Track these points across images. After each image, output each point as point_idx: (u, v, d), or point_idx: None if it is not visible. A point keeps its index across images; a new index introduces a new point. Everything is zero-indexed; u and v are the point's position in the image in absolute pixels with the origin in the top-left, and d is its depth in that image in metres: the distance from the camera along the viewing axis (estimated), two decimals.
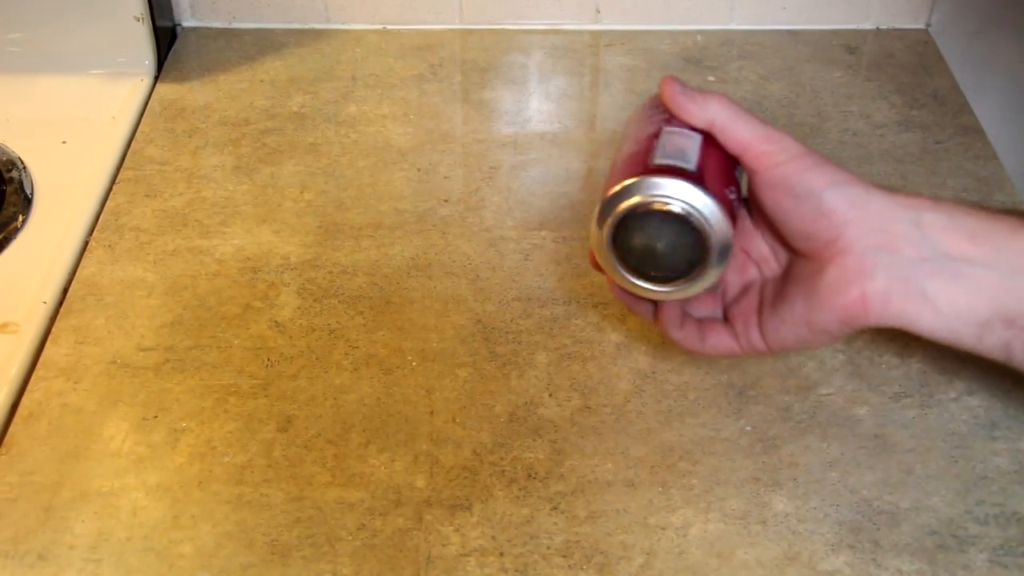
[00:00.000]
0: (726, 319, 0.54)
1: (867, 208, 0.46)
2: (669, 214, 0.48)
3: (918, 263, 0.45)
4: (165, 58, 0.86)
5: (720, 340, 0.52)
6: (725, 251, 0.48)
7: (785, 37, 0.89)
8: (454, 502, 0.54)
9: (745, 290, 0.53)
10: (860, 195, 0.46)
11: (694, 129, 0.49)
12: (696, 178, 0.47)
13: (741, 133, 0.48)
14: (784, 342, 0.50)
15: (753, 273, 0.53)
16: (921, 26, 0.90)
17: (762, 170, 0.48)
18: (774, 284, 0.51)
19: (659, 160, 0.48)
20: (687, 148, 0.49)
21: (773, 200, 0.48)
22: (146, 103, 0.81)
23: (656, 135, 0.50)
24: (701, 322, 0.53)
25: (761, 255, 0.52)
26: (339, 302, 0.65)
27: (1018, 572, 0.51)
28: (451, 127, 0.79)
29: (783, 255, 0.52)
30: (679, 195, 0.47)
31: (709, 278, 0.49)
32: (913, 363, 0.61)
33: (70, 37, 0.82)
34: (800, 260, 0.49)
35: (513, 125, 0.79)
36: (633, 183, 0.48)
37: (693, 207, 0.47)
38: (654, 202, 0.48)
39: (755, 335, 0.51)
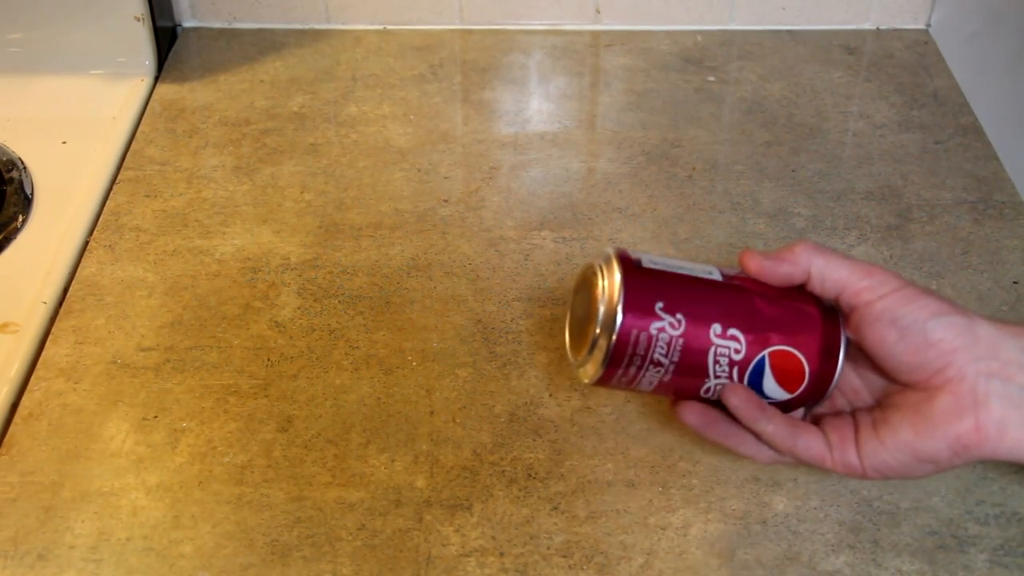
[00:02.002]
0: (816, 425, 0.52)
1: (975, 335, 0.46)
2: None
3: None
4: (165, 58, 0.86)
5: (813, 443, 0.49)
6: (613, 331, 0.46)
7: (785, 37, 0.89)
8: (454, 502, 0.54)
9: (837, 413, 0.51)
10: (964, 323, 0.46)
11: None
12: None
13: (838, 273, 0.48)
14: (884, 468, 0.48)
15: (842, 403, 0.52)
16: (921, 26, 0.90)
17: (861, 306, 0.47)
18: (872, 414, 0.49)
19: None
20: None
21: (876, 334, 0.47)
22: (146, 103, 0.81)
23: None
24: (794, 421, 0.50)
25: (852, 387, 0.51)
26: (339, 302, 0.65)
27: (1018, 572, 0.51)
28: (451, 127, 0.79)
29: (877, 387, 0.50)
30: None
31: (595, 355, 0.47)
32: None
33: (70, 37, 0.82)
34: (906, 392, 0.48)
35: (513, 125, 0.79)
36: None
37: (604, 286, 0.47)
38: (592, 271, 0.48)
39: (851, 455, 0.49)
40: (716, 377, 0.47)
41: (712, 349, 0.47)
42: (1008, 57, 0.79)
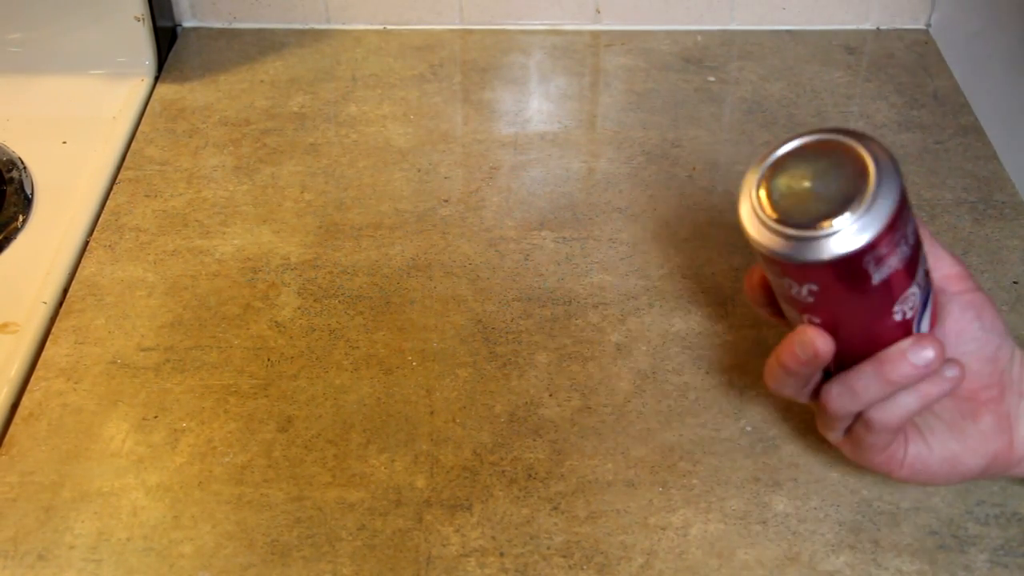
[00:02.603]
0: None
1: (1015, 359, 0.48)
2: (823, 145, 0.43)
3: None
4: (165, 58, 0.86)
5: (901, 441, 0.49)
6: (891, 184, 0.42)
7: (785, 37, 0.89)
8: (454, 502, 0.54)
9: None
10: (1013, 347, 0.48)
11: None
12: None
13: (932, 251, 0.48)
14: (922, 471, 0.48)
15: None
16: (921, 26, 0.90)
17: (953, 292, 0.48)
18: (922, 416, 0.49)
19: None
20: None
21: (958, 323, 0.47)
22: (146, 103, 0.81)
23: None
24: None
25: None
26: (339, 302, 0.65)
27: (1019, 572, 0.51)
28: (451, 127, 0.79)
29: None
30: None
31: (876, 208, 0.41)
32: None
33: (70, 37, 0.82)
34: (947, 399, 0.48)
35: (513, 125, 0.79)
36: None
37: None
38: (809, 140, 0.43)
39: (899, 451, 0.48)
40: (917, 284, 0.44)
41: (922, 249, 0.45)
42: (1008, 57, 0.79)
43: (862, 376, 0.46)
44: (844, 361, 0.47)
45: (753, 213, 0.43)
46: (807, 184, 0.42)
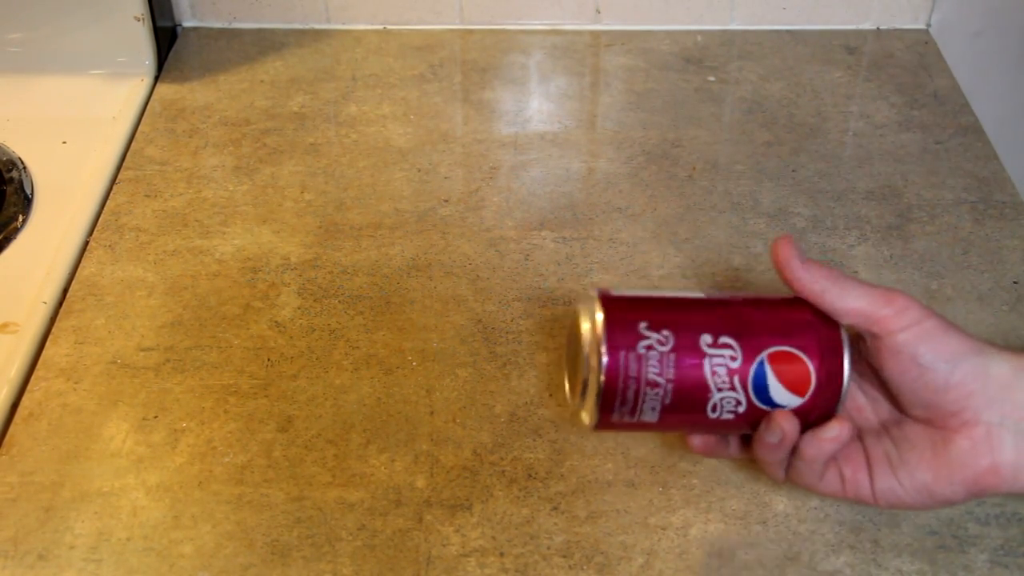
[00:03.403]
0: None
1: (988, 377, 0.46)
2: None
3: None
4: (165, 58, 0.86)
5: (833, 481, 0.49)
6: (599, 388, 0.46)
7: (785, 37, 0.89)
8: (454, 502, 0.54)
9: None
10: (981, 365, 0.46)
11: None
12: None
13: (855, 301, 0.47)
14: (897, 503, 0.49)
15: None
16: (921, 26, 0.90)
17: (884, 335, 0.47)
18: (883, 444, 0.49)
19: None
20: None
21: (895, 366, 0.47)
22: (146, 103, 0.81)
23: None
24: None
25: (856, 404, 0.51)
26: (339, 302, 0.65)
27: (1019, 572, 0.51)
28: (451, 127, 0.79)
29: (884, 410, 0.50)
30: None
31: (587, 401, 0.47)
32: None
33: (70, 37, 0.82)
34: (917, 426, 0.48)
35: (513, 125, 0.79)
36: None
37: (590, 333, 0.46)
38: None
39: (865, 489, 0.49)
40: (719, 390, 0.46)
41: (707, 360, 0.46)
42: (1009, 57, 0.80)
43: (754, 448, 0.49)
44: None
45: (567, 399, 0.50)
46: (570, 365, 0.49)
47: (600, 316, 0.46)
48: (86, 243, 0.69)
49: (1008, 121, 0.79)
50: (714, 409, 0.47)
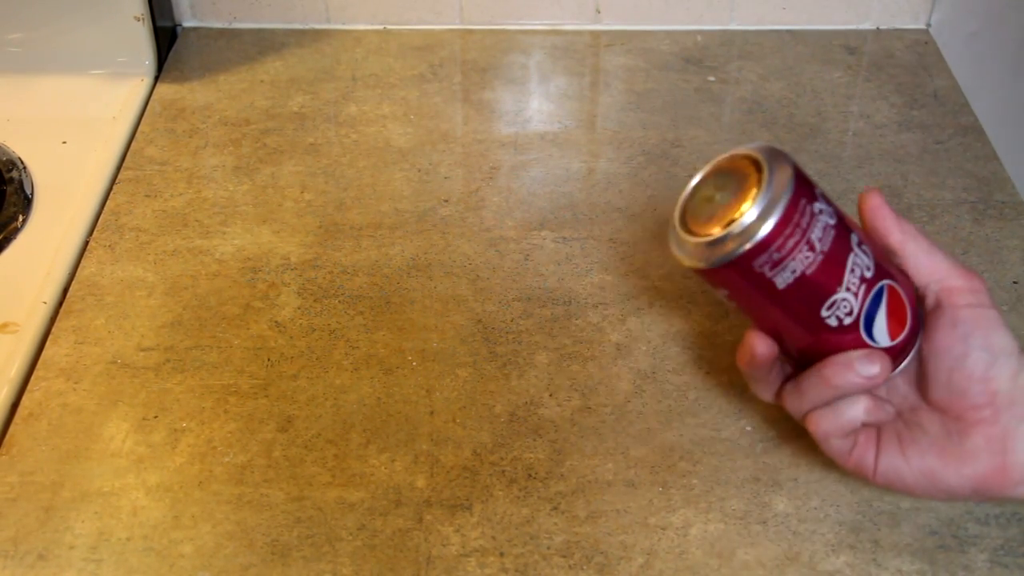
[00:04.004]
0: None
1: (1018, 381, 0.47)
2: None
3: None
4: (165, 58, 0.86)
5: (846, 443, 0.50)
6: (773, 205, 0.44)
7: (785, 37, 0.89)
8: (454, 502, 0.54)
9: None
10: (1018, 367, 0.47)
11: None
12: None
13: (936, 262, 0.48)
14: (896, 482, 0.49)
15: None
16: (921, 26, 0.90)
17: (948, 306, 0.47)
18: (895, 425, 0.49)
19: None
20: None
21: (944, 339, 0.47)
22: (146, 103, 0.81)
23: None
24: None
25: (880, 390, 0.51)
26: (339, 302, 0.65)
27: (1019, 572, 0.51)
28: (451, 127, 0.79)
29: (902, 399, 0.50)
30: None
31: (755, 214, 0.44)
32: None
33: (70, 37, 0.82)
34: (933, 413, 0.48)
35: (513, 125, 0.79)
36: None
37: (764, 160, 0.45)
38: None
39: (868, 460, 0.49)
40: (847, 289, 0.46)
41: (852, 255, 0.46)
42: (1008, 57, 0.79)
43: (808, 378, 0.48)
44: (804, 364, 0.49)
45: (672, 236, 0.47)
46: (709, 200, 0.46)
47: (790, 157, 0.45)
48: (86, 243, 0.69)
49: (1008, 121, 0.79)
50: (831, 306, 0.46)
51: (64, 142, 0.77)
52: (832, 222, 0.46)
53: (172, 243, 0.69)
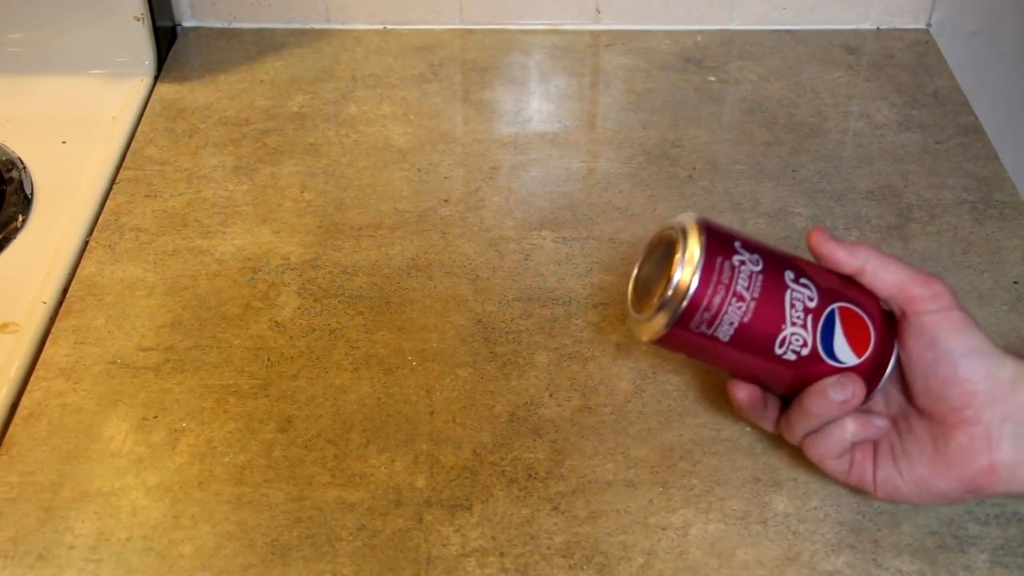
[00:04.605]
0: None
1: (996, 379, 0.47)
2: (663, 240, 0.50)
3: None
4: (165, 58, 0.86)
5: (844, 461, 0.51)
6: (679, 306, 0.47)
7: (785, 37, 0.89)
8: (454, 502, 0.54)
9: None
10: (993, 365, 0.47)
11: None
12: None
13: (892, 275, 0.48)
14: (894, 493, 0.50)
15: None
16: (921, 26, 0.90)
17: (912, 315, 0.48)
18: (889, 435, 0.50)
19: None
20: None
21: (914, 347, 0.48)
22: (146, 103, 0.81)
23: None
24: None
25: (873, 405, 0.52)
26: (339, 302, 0.65)
27: (1019, 572, 0.51)
28: (451, 127, 0.79)
29: (895, 402, 0.51)
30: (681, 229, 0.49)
31: (659, 317, 0.48)
32: None
33: (70, 37, 0.82)
34: (921, 420, 0.49)
35: (513, 125, 0.79)
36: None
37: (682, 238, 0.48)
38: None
39: (868, 475, 0.50)
40: (792, 324, 0.48)
41: (788, 291, 0.48)
42: (1008, 57, 0.79)
43: (792, 411, 0.51)
44: (790, 396, 0.51)
45: (627, 316, 0.51)
46: (647, 278, 0.50)
47: (701, 222, 0.48)
48: (86, 243, 0.69)
49: (1008, 121, 0.79)
50: (782, 344, 0.48)
51: (64, 142, 0.77)
52: (758, 268, 0.48)
53: (172, 243, 0.69)
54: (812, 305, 0.48)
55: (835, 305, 0.48)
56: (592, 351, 0.61)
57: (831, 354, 0.49)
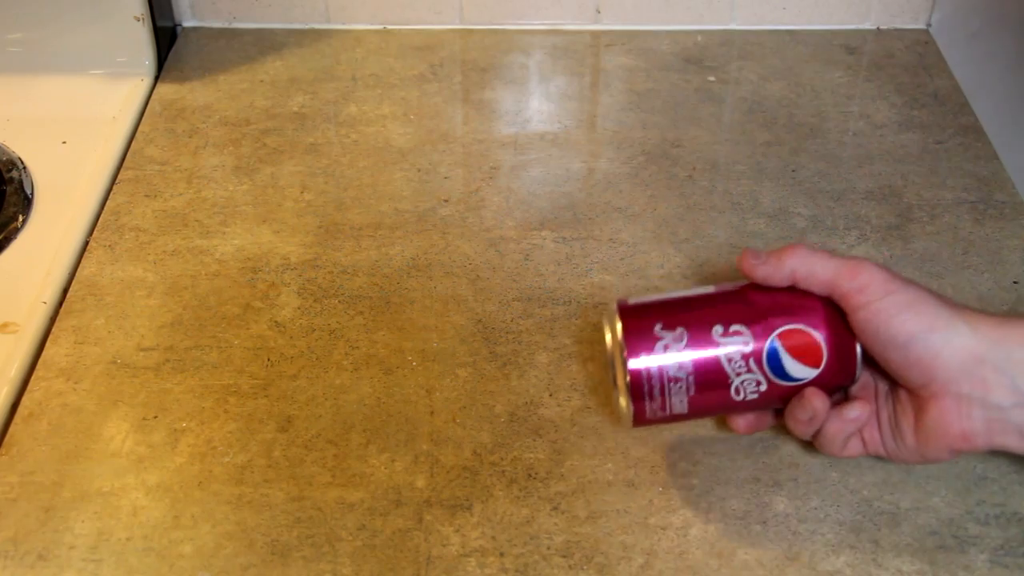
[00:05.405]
0: None
1: (953, 350, 0.47)
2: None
3: (1009, 408, 0.47)
4: (165, 58, 0.86)
5: (855, 445, 0.53)
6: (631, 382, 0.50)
7: (785, 37, 0.89)
8: (454, 502, 0.54)
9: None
10: (941, 341, 0.47)
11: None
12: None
13: (822, 275, 0.49)
14: (903, 460, 0.52)
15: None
16: (921, 26, 0.90)
17: (851, 311, 0.49)
18: (887, 407, 0.52)
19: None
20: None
21: (864, 339, 0.49)
22: (146, 103, 0.81)
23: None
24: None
25: (868, 368, 0.52)
26: (339, 302, 0.65)
27: (1019, 572, 0.51)
28: (451, 127, 0.79)
29: (885, 378, 0.52)
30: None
31: (619, 401, 0.51)
32: None
33: (70, 37, 0.82)
34: (907, 392, 0.50)
35: (513, 125, 0.79)
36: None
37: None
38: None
39: (879, 445, 0.52)
40: (738, 375, 0.50)
41: (721, 348, 0.49)
42: (1008, 57, 0.79)
43: (787, 426, 0.52)
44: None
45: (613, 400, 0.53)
46: (610, 376, 0.52)
47: (619, 326, 0.50)
48: (86, 243, 0.69)
49: (1008, 121, 0.79)
50: (737, 392, 0.50)
51: (64, 142, 0.77)
52: (682, 344, 0.50)
53: (172, 243, 0.69)
54: (749, 350, 0.49)
55: (774, 335, 0.49)
56: (592, 351, 0.61)
57: (788, 378, 0.50)
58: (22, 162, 0.75)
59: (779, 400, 0.51)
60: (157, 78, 0.84)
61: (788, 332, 0.49)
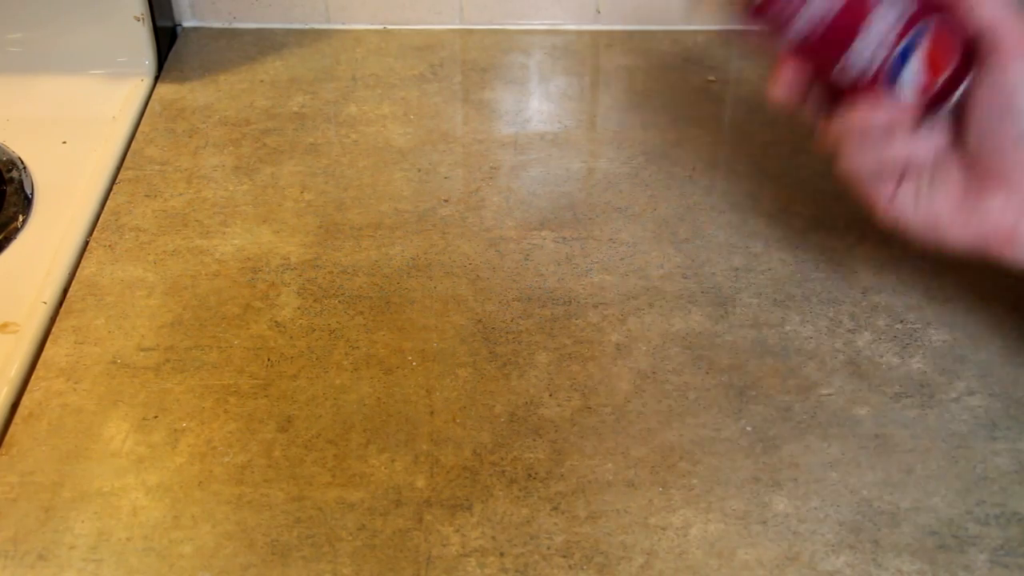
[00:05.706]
0: None
1: None
2: None
3: None
4: (165, 58, 0.86)
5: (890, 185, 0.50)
6: None
7: None
8: (454, 502, 0.54)
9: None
10: None
11: None
12: None
13: (995, 9, 0.45)
14: (900, 219, 0.50)
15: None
16: None
17: (999, 54, 0.45)
18: (919, 169, 0.49)
19: None
20: None
21: (989, 94, 0.46)
22: (146, 103, 0.81)
23: None
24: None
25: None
26: (339, 302, 0.65)
27: (1019, 572, 0.51)
28: (451, 127, 0.79)
29: (941, 133, 0.49)
30: None
31: None
32: (913, 363, 0.61)
33: (70, 37, 0.82)
34: (962, 162, 0.47)
35: (513, 125, 0.79)
36: None
37: None
38: None
39: (910, 199, 0.50)
40: (871, 36, 0.47)
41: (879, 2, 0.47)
42: None
43: (838, 119, 0.51)
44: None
45: None
46: None
47: None
48: (86, 243, 0.69)
49: None
50: (855, 54, 0.48)
51: (64, 142, 0.77)
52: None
53: (172, 243, 0.69)
54: (899, 23, 0.47)
55: (921, 27, 0.46)
56: (592, 351, 0.62)
57: (899, 81, 0.47)
58: (22, 162, 0.75)
59: (868, 95, 0.48)
60: (157, 78, 0.84)
61: (934, 34, 0.47)
